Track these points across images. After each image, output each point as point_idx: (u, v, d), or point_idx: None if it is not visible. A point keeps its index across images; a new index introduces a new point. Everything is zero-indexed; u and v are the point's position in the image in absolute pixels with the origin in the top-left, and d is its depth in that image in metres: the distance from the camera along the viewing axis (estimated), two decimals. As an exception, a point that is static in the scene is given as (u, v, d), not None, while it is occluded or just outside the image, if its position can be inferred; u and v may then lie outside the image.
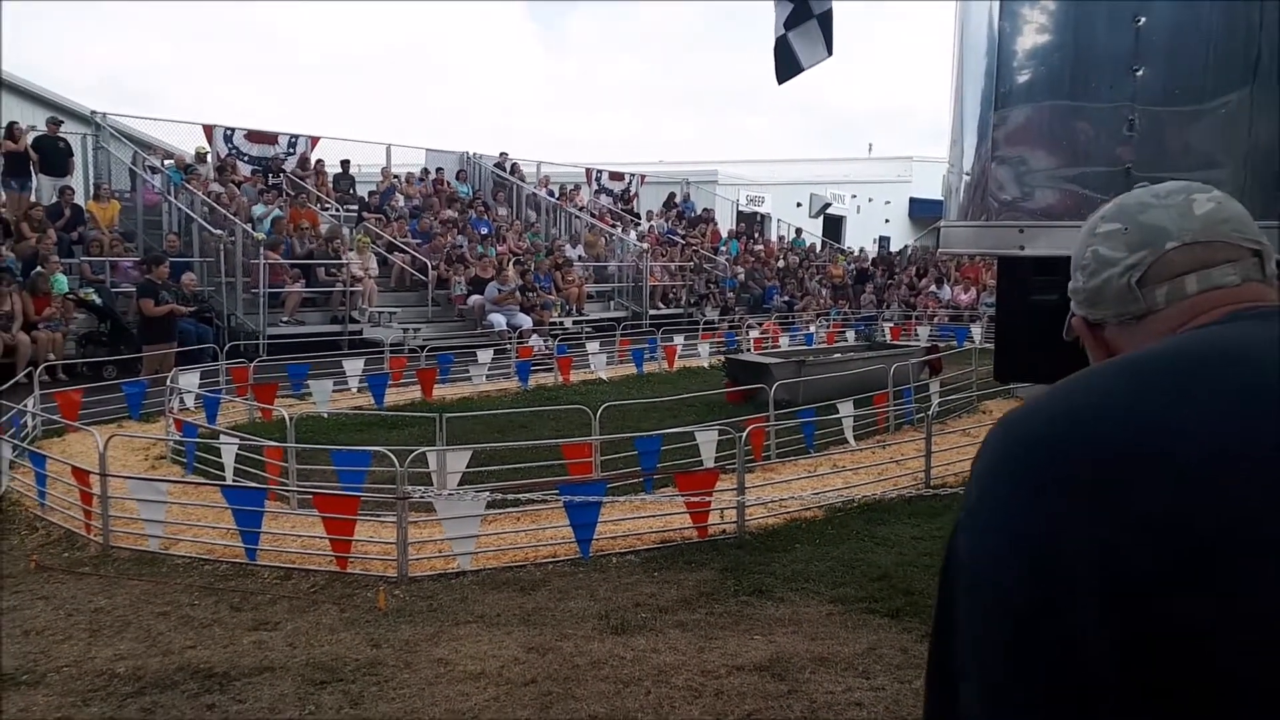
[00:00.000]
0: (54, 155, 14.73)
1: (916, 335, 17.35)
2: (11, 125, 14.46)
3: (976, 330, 16.42)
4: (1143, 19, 2.92)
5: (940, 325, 18.42)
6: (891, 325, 18.46)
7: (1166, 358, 0.79)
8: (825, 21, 8.17)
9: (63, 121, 15.48)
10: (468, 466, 6.47)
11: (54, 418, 8.28)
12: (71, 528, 6.03)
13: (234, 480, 6.57)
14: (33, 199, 14.18)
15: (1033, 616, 0.69)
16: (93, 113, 16.79)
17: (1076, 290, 1.04)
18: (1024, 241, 3.22)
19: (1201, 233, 0.94)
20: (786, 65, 8.46)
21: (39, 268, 11.75)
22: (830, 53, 8.38)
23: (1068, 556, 0.68)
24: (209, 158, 17.32)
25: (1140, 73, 2.94)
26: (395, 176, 19.92)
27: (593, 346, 13.59)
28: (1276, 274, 0.96)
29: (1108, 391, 0.76)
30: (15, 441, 7.30)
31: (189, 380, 9.56)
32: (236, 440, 7.06)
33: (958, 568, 0.77)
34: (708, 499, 5.86)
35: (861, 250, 26.07)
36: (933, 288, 21.19)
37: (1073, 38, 3.16)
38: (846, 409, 8.44)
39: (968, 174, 3.48)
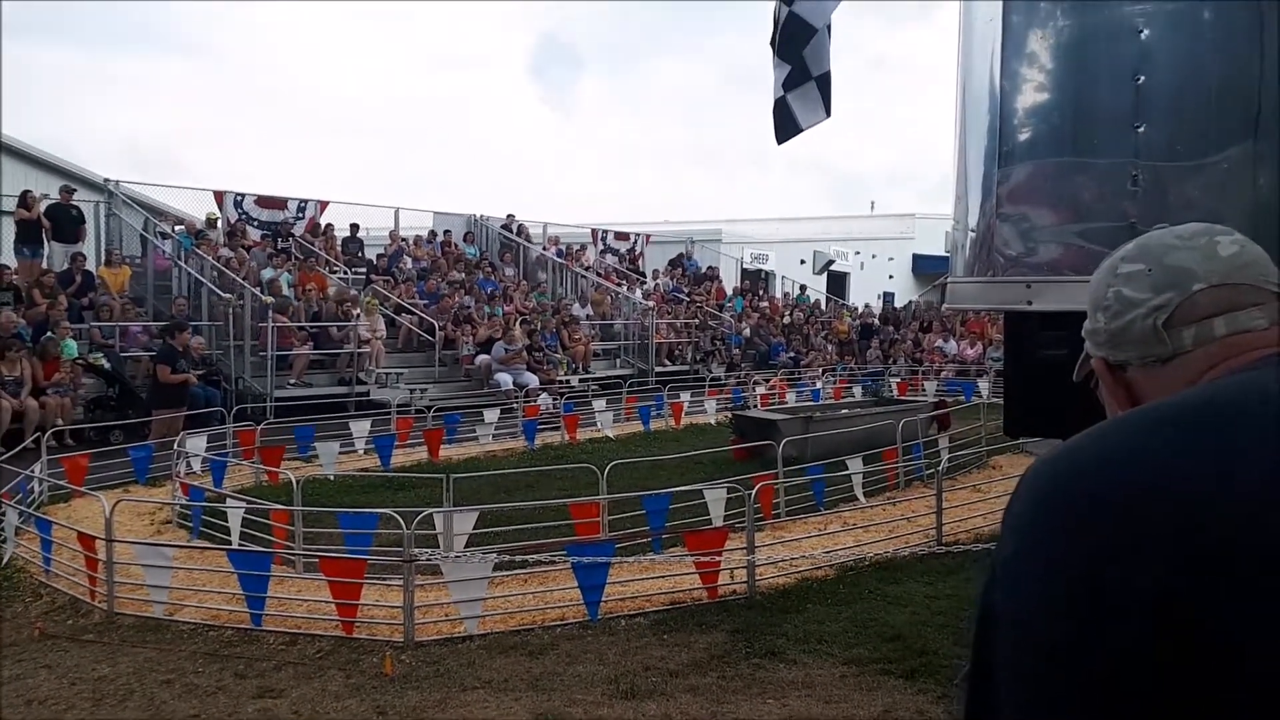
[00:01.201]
0: (66, 223, 14.94)
1: (923, 390, 17.31)
2: (25, 194, 14.69)
3: (984, 385, 16.38)
4: (1143, 77, 2.96)
5: (947, 380, 18.38)
6: (898, 380, 18.42)
7: (1203, 403, 0.79)
8: (823, 83, 8.30)
9: (75, 190, 15.73)
10: (475, 528, 6.42)
11: (60, 483, 8.26)
12: (76, 594, 5.98)
13: (240, 544, 6.52)
14: (44, 265, 14.35)
15: (1081, 653, 0.70)
16: (105, 180, 17.07)
17: (1096, 331, 1.02)
18: (1031, 297, 3.22)
19: (1227, 275, 0.94)
20: (786, 126, 8.58)
21: (49, 333, 11.84)
22: (829, 114, 8.50)
23: (1112, 594, 0.70)
24: (219, 223, 17.55)
25: (1142, 129, 2.97)
26: (403, 239, 20.15)
27: (599, 404, 13.57)
28: None
29: (1146, 436, 0.77)
30: (21, 508, 7.27)
31: (196, 444, 9.55)
32: (243, 504, 7.03)
33: (995, 621, 0.78)
34: (717, 558, 5.79)
35: (866, 306, 26.15)
36: (939, 343, 21.20)
37: (1073, 96, 3.20)
38: (856, 465, 8.39)
39: (973, 230, 3.49)
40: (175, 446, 8.98)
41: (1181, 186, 3.00)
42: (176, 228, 16.39)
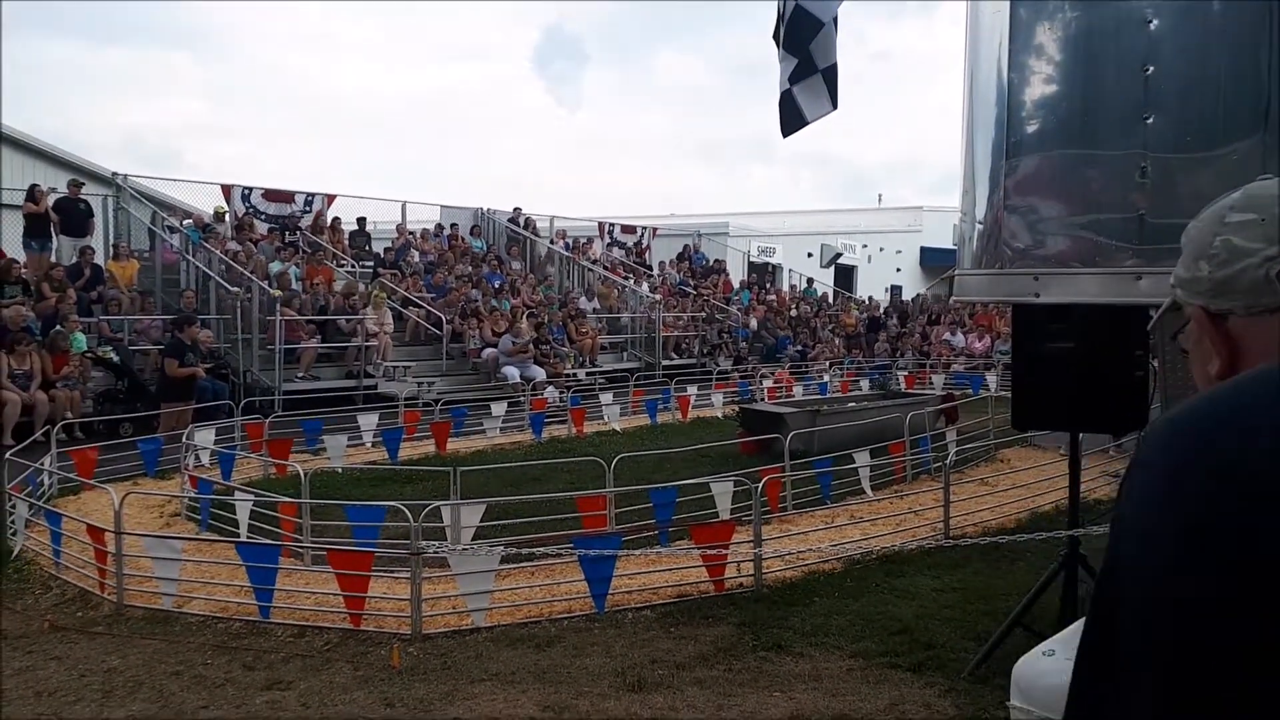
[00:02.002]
0: (74, 216, 14.98)
1: (931, 383, 17.28)
2: (33, 188, 14.75)
3: (991, 378, 16.34)
4: (1151, 68, 2.94)
5: (955, 373, 18.34)
6: (906, 374, 18.39)
7: None
8: (830, 76, 8.28)
9: (84, 183, 15.77)
10: (482, 520, 6.43)
11: (70, 476, 8.30)
12: (86, 586, 6.01)
13: (248, 537, 6.55)
14: (53, 259, 14.40)
15: (1226, 610, 0.69)
16: (114, 174, 17.11)
17: (1198, 280, 1.00)
18: (1039, 289, 3.21)
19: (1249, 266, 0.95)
20: (792, 118, 8.56)
21: (58, 326, 11.88)
22: (835, 106, 8.48)
23: (1264, 546, 0.69)
24: (227, 217, 17.58)
25: (1151, 120, 2.95)
26: (410, 233, 20.15)
27: (606, 398, 13.58)
28: None
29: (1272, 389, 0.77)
30: (31, 500, 7.31)
31: (204, 437, 9.58)
32: (251, 497, 7.05)
33: (1122, 575, 0.78)
34: (724, 552, 5.80)
35: (872, 299, 26.09)
36: (946, 335, 21.15)
37: (1081, 87, 3.18)
38: (863, 459, 8.38)
39: (980, 222, 3.48)
40: (184, 439, 9.01)
41: (1190, 178, 2.98)
42: (184, 222, 16.42)
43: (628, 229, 25.61)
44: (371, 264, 18.35)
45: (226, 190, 18.28)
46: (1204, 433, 0.76)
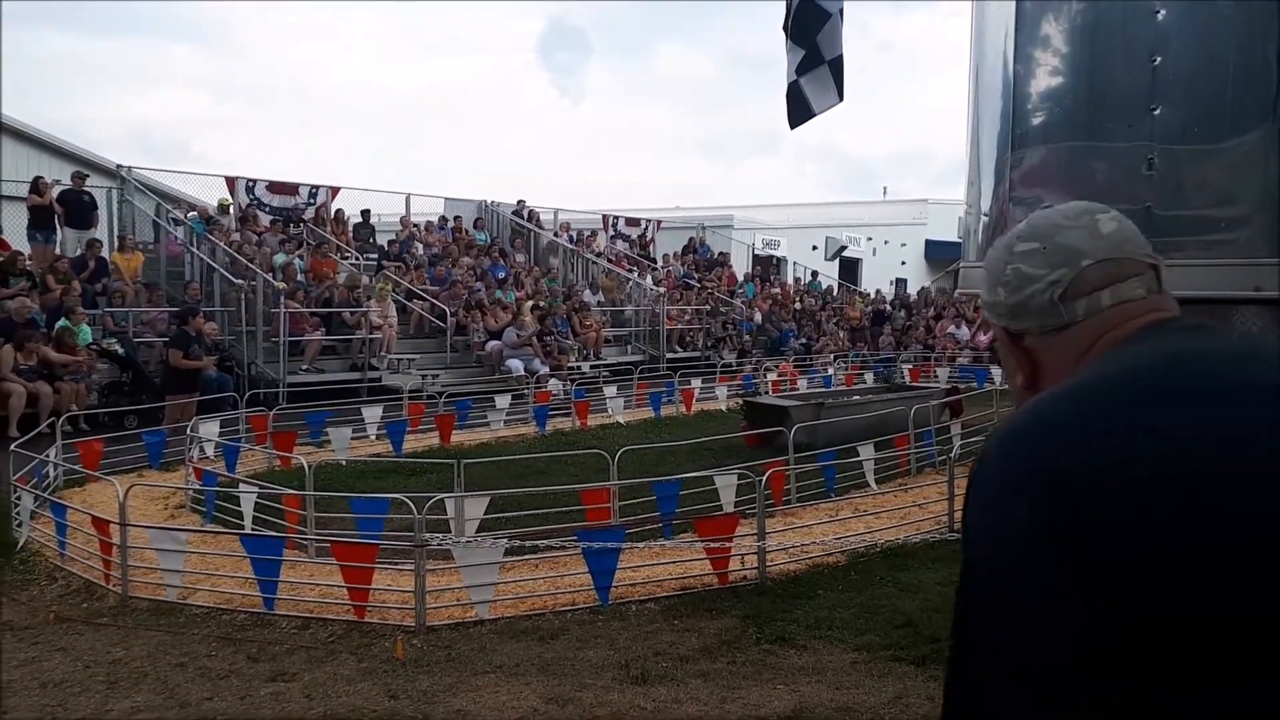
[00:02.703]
0: (79, 208, 14.99)
1: (936, 376, 17.25)
2: (37, 180, 14.75)
3: (996, 371, 16.30)
4: (1159, 58, 2.91)
5: (960, 366, 18.31)
6: (910, 367, 18.36)
7: (1123, 375, 0.92)
8: (836, 68, 8.26)
9: (88, 175, 15.77)
10: (486, 513, 6.43)
11: (75, 467, 8.32)
12: (91, 578, 6.03)
13: (252, 529, 6.56)
14: (57, 251, 14.41)
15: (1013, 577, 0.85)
16: (118, 166, 17.12)
17: (997, 304, 1.12)
18: (1044, 282, 3.19)
19: (1110, 250, 1.05)
20: (799, 110, 8.54)
21: (64, 319, 11.89)
22: (841, 98, 8.46)
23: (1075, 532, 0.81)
24: (231, 209, 17.58)
25: (1158, 111, 2.93)
26: (415, 225, 20.14)
27: (610, 390, 13.57)
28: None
29: (1082, 407, 0.89)
30: (37, 492, 7.32)
31: (209, 429, 9.60)
32: (255, 489, 7.06)
33: (971, 574, 0.93)
34: (728, 544, 5.79)
35: (878, 292, 26.05)
36: (951, 329, 21.11)
37: (1087, 79, 3.16)
38: (867, 452, 8.37)
39: (986, 215, 3.46)
40: (188, 432, 9.03)
41: (1197, 170, 2.96)
42: (189, 214, 16.42)
43: (632, 222, 25.58)
44: (375, 256, 18.35)
45: (231, 182, 18.27)
46: (1030, 451, 0.87)
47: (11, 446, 7.89)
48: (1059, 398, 0.92)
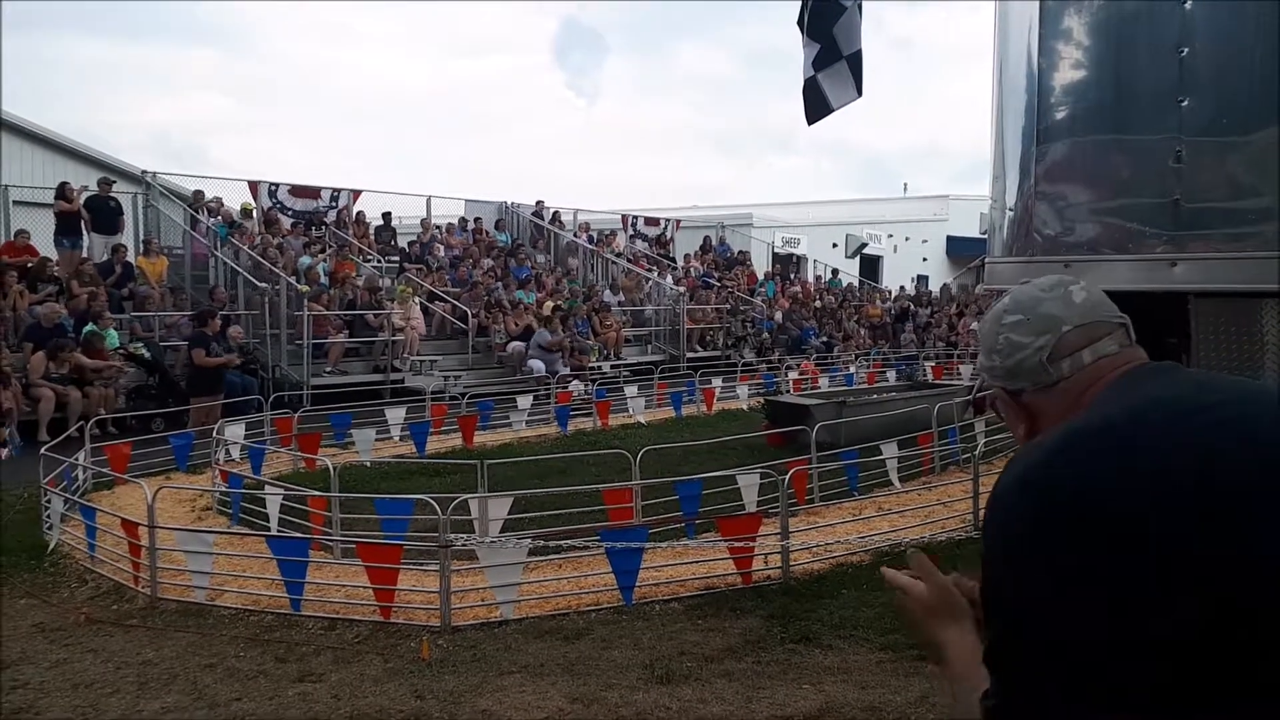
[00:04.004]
0: (105, 214, 15.16)
1: (959, 374, 17.13)
2: (63, 185, 14.93)
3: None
4: (1186, 50, 2.88)
5: (983, 363, 18.14)
6: (933, 364, 18.25)
7: (1111, 421, 1.08)
8: (855, 63, 8.19)
9: (115, 181, 15.95)
10: (509, 513, 6.45)
11: (104, 470, 8.41)
12: (120, 580, 6.09)
13: (278, 530, 6.61)
14: (84, 256, 14.58)
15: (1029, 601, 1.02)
16: (143, 172, 17.30)
17: (993, 368, 1.30)
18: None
19: (1083, 316, 1.24)
20: (816, 106, 8.49)
21: (91, 324, 12.03)
22: (860, 93, 8.39)
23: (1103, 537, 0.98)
24: (254, 212, 17.72)
25: (1186, 103, 2.89)
26: (436, 227, 20.23)
27: (631, 390, 13.57)
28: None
29: (1084, 450, 1.06)
30: (66, 495, 7.41)
31: (234, 432, 9.68)
32: (281, 491, 7.11)
33: (996, 596, 1.10)
34: (751, 544, 5.78)
35: (902, 289, 25.90)
36: (974, 325, 20.96)
37: (1113, 71, 3.13)
38: (890, 450, 8.32)
39: (1011, 209, 3.43)
40: (214, 434, 9.11)
41: (1225, 162, 2.92)
42: (212, 220, 16.57)
43: (651, 221, 25.57)
44: (397, 259, 18.44)
45: (254, 186, 18.42)
46: (1050, 485, 1.02)
47: (41, 450, 7.99)
48: (1071, 435, 1.08)
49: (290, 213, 18.61)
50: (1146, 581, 0.93)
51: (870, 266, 31.15)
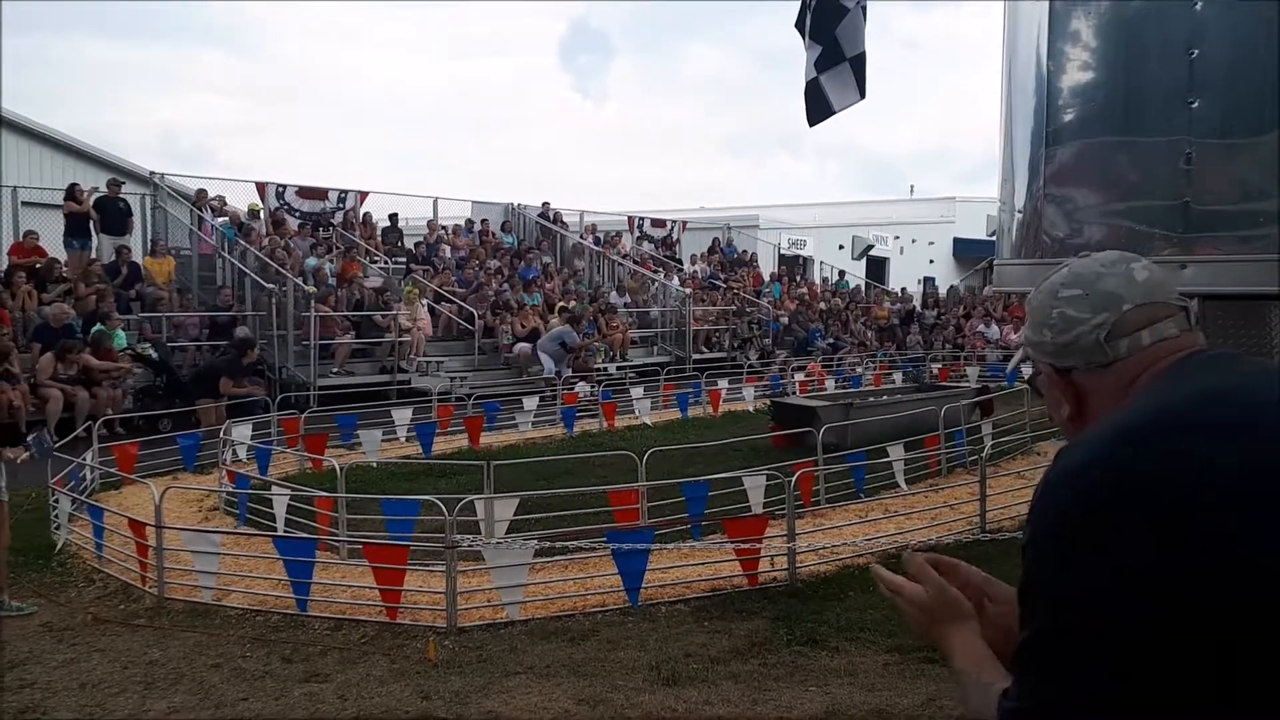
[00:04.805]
0: (114, 215, 15.20)
1: (965, 376, 17.10)
2: (73, 187, 14.98)
3: (1027, 370, 16.11)
4: (1196, 51, 2.86)
5: (990, 365, 18.13)
6: (940, 366, 18.21)
7: (1164, 413, 1.05)
8: (858, 65, 8.17)
9: (124, 183, 16.00)
10: (515, 514, 6.45)
11: (111, 471, 8.44)
12: (127, 580, 6.11)
13: (285, 531, 6.61)
14: (93, 256, 14.63)
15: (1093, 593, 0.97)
16: (151, 173, 17.35)
17: (1043, 344, 1.24)
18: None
19: (1146, 296, 1.18)
20: (818, 107, 8.46)
21: (99, 325, 12.06)
22: (863, 95, 8.36)
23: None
24: (262, 213, 17.76)
25: (1196, 105, 2.88)
26: (442, 228, 20.25)
27: (637, 392, 13.57)
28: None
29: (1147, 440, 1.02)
30: (74, 495, 7.43)
31: (241, 432, 9.70)
32: (288, 491, 7.12)
33: (1039, 583, 1.04)
34: (758, 546, 5.77)
35: (904, 290, 25.85)
36: (980, 327, 20.92)
37: (1123, 72, 3.12)
38: (897, 452, 8.31)
39: (1020, 211, 3.43)
40: (221, 435, 9.12)
41: (1235, 164, 2.91)
42: (218, 219, 16.59)
43: (657, 223, 25.57)
44: (404, 260, 18.47)
45: (261, 188, 18.46)
46: (1105, 476, 0.99)
47: (50, 450, 8.01)
48: (1120, 426, 1.05)
49: (297, 214, 18.65)
50: (1194, 582, 0.91)
51: (877, 268, 31.11)
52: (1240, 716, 0.90)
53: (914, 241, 33.11)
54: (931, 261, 33.30)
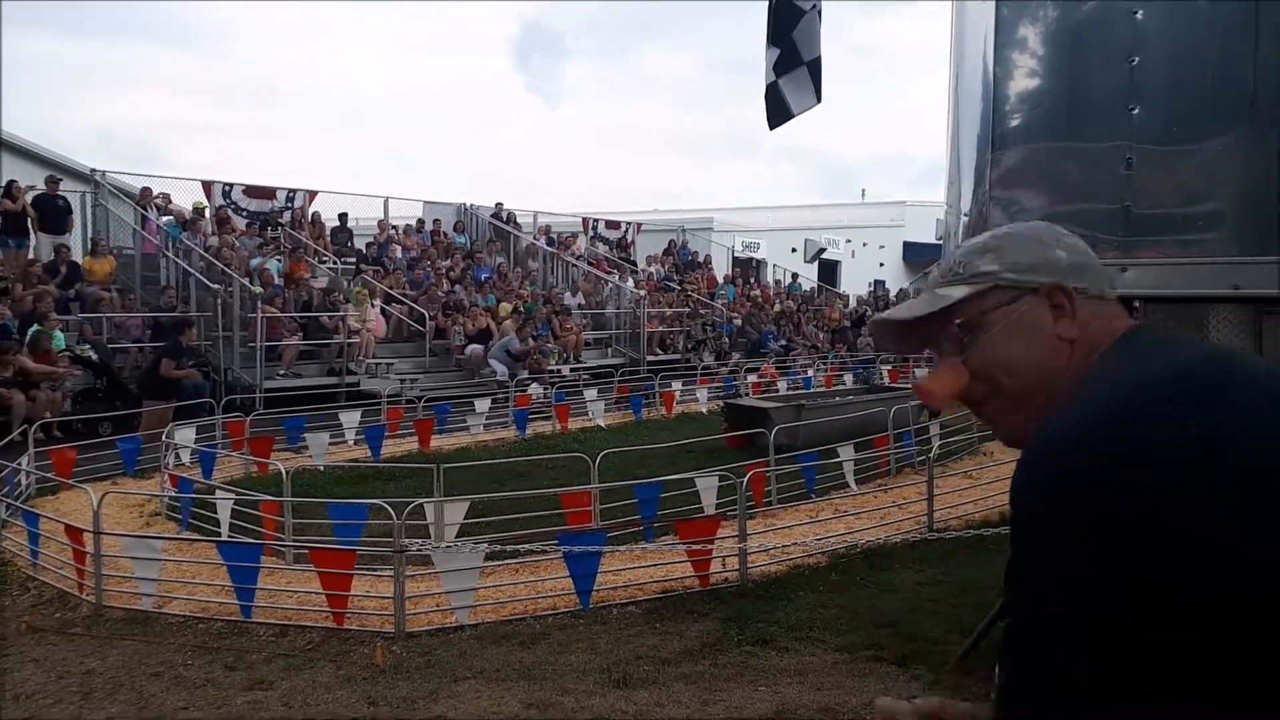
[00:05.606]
0: (53, 213, 14.81)
1: (915, 377, 17.32)
2: (10, 184, 14.55)
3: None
4: (1137, 59, 2.93)
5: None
6: (890, 368, 18.44)
7: (1126, 391, 1.00)
8: (814, 69, 8.24)
9: (61, 180, 15.58)
10: (466, 518, 6.39)
11: (48, 475, 8.20)
12: (64, 588, 5.94)
13: (229, 536, 6.49)
14: (31, 256, 14.22)
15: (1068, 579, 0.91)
16: (92, 171, 16.92)
17: (1053, 262, 1.13)
18: (1023, 282, 3.19)
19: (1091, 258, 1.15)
20: (777, 111, 8.51)
21: (37, 325, 11.72)
22: (819, 100, 8.44)
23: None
24: (207, 212, 17.41)
25: (1136, 111, 2.94)
26: (393, 228, 20.04)
27: (590, 394, 13.55)
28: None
29: (1139, 405, 0.97)
30: (8, 500, 7.21)
31: (185, 435, 9.49)
32: (232, 495, 6.99)
33: (1027, 570, 0.97)
34: (709, 546, 5.78)
35: (856, 298, 26.15)
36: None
37: (1067, 79, 3.17)
38: (847, 452, 8.39)
39: (966, 215, 3.47)
40: (164, 438, 8.92)
41: (1175, 169, 2.97)
42: (163, 219, 16.23)
43: (612, 224, 25.56)
44: (354, 260, 18.23)
45: (207, 186, 18.11)
46: (1072, 460, 0.94)
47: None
48: (1108, 401, 0.99)
49: (245, 213, 18.32)
50: (1168, 571, 0.88)
51: (829, 271, 31.42)
52: (1214, 712, 0.87)
53: (865, 245, 33.50)
54: (882, 265, 33.74)
